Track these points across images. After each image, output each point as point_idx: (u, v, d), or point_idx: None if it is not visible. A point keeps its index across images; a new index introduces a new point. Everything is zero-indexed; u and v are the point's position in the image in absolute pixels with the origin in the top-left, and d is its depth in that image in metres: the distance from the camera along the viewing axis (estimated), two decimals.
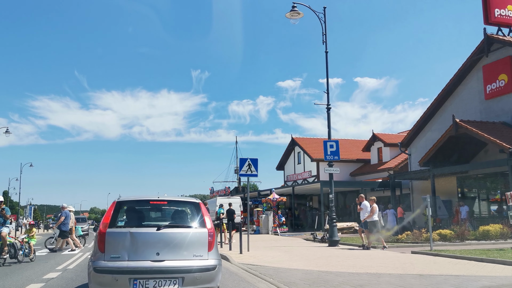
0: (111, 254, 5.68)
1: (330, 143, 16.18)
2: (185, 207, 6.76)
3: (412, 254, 12.88)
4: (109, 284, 5.53)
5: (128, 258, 5.67)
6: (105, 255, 5.68)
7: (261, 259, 12.02)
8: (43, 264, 11.96)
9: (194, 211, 6.51)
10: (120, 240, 5.78)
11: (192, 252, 5.92)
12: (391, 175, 27.41)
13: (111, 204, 6.43)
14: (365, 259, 11.80)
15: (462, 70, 24.28)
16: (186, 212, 6.68)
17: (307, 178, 37.96)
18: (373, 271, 9.28)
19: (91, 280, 5.65)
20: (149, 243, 5.81)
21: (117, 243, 5.76)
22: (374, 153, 35.86)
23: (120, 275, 5.52)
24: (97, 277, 5.57)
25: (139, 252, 5.73)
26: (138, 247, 5.75)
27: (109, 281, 5.52)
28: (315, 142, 39.20)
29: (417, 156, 26.79)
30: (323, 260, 11.72)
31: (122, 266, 5.59)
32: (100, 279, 5.55)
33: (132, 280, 5.52)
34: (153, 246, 5.80)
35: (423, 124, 27.02)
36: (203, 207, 6.53)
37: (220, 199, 30.68)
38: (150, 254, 5.74)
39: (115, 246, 5.74)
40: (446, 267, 9.77)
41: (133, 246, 5.75)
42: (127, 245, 5.74)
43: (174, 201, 6.97)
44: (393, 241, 16.81)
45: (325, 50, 16.98)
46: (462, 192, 24.63)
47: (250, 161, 13.90)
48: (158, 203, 6.79)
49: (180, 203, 6.93)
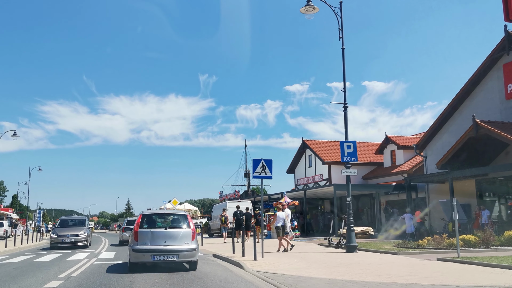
0: (140, 242, 10.50)
1: (347, 143, 15.38)
2: (179, 217, 11.56)
3: (438, 261, 12.01)
4: (140, 257, 10.43)
5: (149, 244, 10.47)
6: (138, 243, 10.50)
7: (277, 266, 11.25)
8: (45, 271, 11.28)
9: (184, 219, 11.35)
10: (145, 235, 10.62)
11: (183, 241, 10.72)
12: (407, 177, 26.47)
13: (139, 216, 11.77)
14: (389, 266, 10.98)
15: (481, 69, 23.37)
16: (180, 219, 11.39)
17: (319, 181, 37.11)
18: (402, 281, 8.47)
19: (131, 256, 10.54)
20: (160, 236, 10.65)
21: (143, 236, 10.59)
22: (387, 156, 34.90)
23: (146, 253, 10.37)
24: (134, 254, 10.44)
25: (155, 241, 10.52)
26: (154, 238, 10.56)
27: (140, 256, 10.41)
28: (327, 145, 38.36)
29: (433, 158, 25.91)
30: (344, 267, 10.92)
31: (147, 248, 10.41)
32: (136, 255, 10.44)
33: (152, 255, 10.35)
34: (162, 238, 10.62)
35: (440, 126, 26.09)
36: (189, 217, 11.57)
37: (230, 203, 30.02)
38: (161, 242, 10.53)
39: (142, 238, 10.56)
40: (481, 277, 8.93)
41: (152, 238, 10.56)
42: (149, 237, 10.56)
43: (172, 214, 12.21)
44: (413, 246, 15.96)
45: (341, 46, 16.25)
46: (481, 196, 23.67)
47: (264, 162, 13.15)
48: (164, 215, 12.40)
49: (175, 214, 11.87)
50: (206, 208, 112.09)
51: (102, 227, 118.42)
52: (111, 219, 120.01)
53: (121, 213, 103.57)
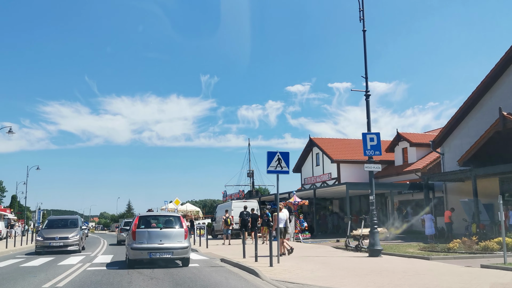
0: (138, 241, 11.46)
1: (370, 135, 13.81)
2: (172, 218, 12.64)
3: (484, 269, 10.43)
4: (138, 255, 11.39)
5: (146, 243, 11.46)
6: (136, 241, 11.45)
7: (298, 273, 9.69)
8: (29, 279, 9.74)
9: (177, 220, 12.38)
10: (142, 234, 11.58)
11: (176, 240, 11.71)
12: (425, 176, 24.85)
13: (136, 217, 12.47)
14: (431, 276, 9.40)
15: (504, 60, 21.79)
16: (173, 220, 12.40)
17: (327, 180, 35.55)
18: None
19: (130, 253, 11.56)
20: (156, 235, 11.64)
21: (141, 236, 11.54)
22: (399, 154, 33.28)
23: (143, 251, 11.37)
24: (132, 252, 11.42)
25: (151, 240, 11.52)
26: (151, 237, 11.56)
27: (138, 253, 11.38)
28: (335, 143, 36.80)
29: (451, 155, 24.38)
30: (377, 276, 9.35)
31: (144, 246, 11.41)
32: (134, 252, 11.39)
33: (149, 252, 11.35)
34: (158, 237, 11.62)
35: (458, 121, 24.50)
36: (181, 218, 12.60)
37: (236, 202, 28.47)
38: (157, 241, 11.54)
39: (140, 237, 11.51)
40: None
41: (149, 237, 11.56)
42: (146, 237, 11.54)
43: (166, 215, 13.59)
44: (443, 250, 14.38)
45: (362, 28, 14.70)
46: (503, 195, 22.04)
47: (280, 155, 11.60)
48: (159, 216, 13.22)
49: (169, 216, 13.09)
50: (208, 208, 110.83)
51: (102, 228, 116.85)
52: (112, 219, 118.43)
53: (122, 214, 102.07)
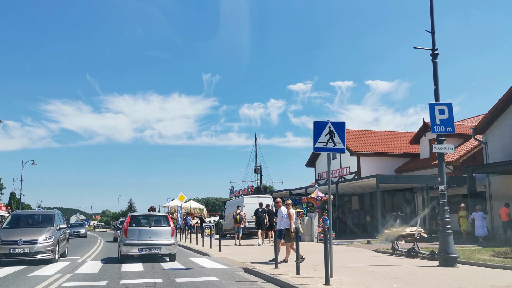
0: (130, 237, 12.79)
1: (440, 107, 10.53)
2: (161, 217, 14.16)
3: None
4: (129, 250, 12.67)
5: (137, 239, 12.75)
6: (127, 238, 12.78)
7: None
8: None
9: (165, 219, 13.89)
10: (133, 231, 12.96)
11: (164, 237, 13.08)
12: (468, 167, 21.54)
13: (128, 217, 14.02)
14: None
15: None
16: (161, 220, 13.89)
17: (345, 175, 32.36)
18: None
19: (122, 249, 12.81)
20: (146, 233, 13.00)
21: (132, 233, 12.90)
22: (425, 146, 29.93)
23: (134, 246, 12.65)
24: (124, 247, 12.69)
25: (142, 237, 12.85)
26: (141, 234, 12.89)
27: (129, 249, 12.67)
28: (354, 134, 33.60)
29: (497, 144, 21.24)
30: None
31: (134, 243, 12.68)
32: (126, 248, 12.69)
33: (139, 248, 12.62)
34: (148, 234, 12.95)
35: (505, 105, 21.28)
36: (169, 217, 14.18)
37: (248, 198, 25.22)
38: (146, 237, 12.86)
39: (131, 234, 12.86)
40: None
41: (139, 234, 12.90)
42: (136, 234, 12.88)
43: (155, 215, 15.26)
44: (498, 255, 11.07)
45: None
46: None
47: (333, 126, 8.40)
48: (148, 215, 14.64)
49: (158, 215, 14.81)
50: (211, 207, 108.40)
51: (104, 226, 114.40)
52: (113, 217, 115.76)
53: (123, 212, 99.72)
